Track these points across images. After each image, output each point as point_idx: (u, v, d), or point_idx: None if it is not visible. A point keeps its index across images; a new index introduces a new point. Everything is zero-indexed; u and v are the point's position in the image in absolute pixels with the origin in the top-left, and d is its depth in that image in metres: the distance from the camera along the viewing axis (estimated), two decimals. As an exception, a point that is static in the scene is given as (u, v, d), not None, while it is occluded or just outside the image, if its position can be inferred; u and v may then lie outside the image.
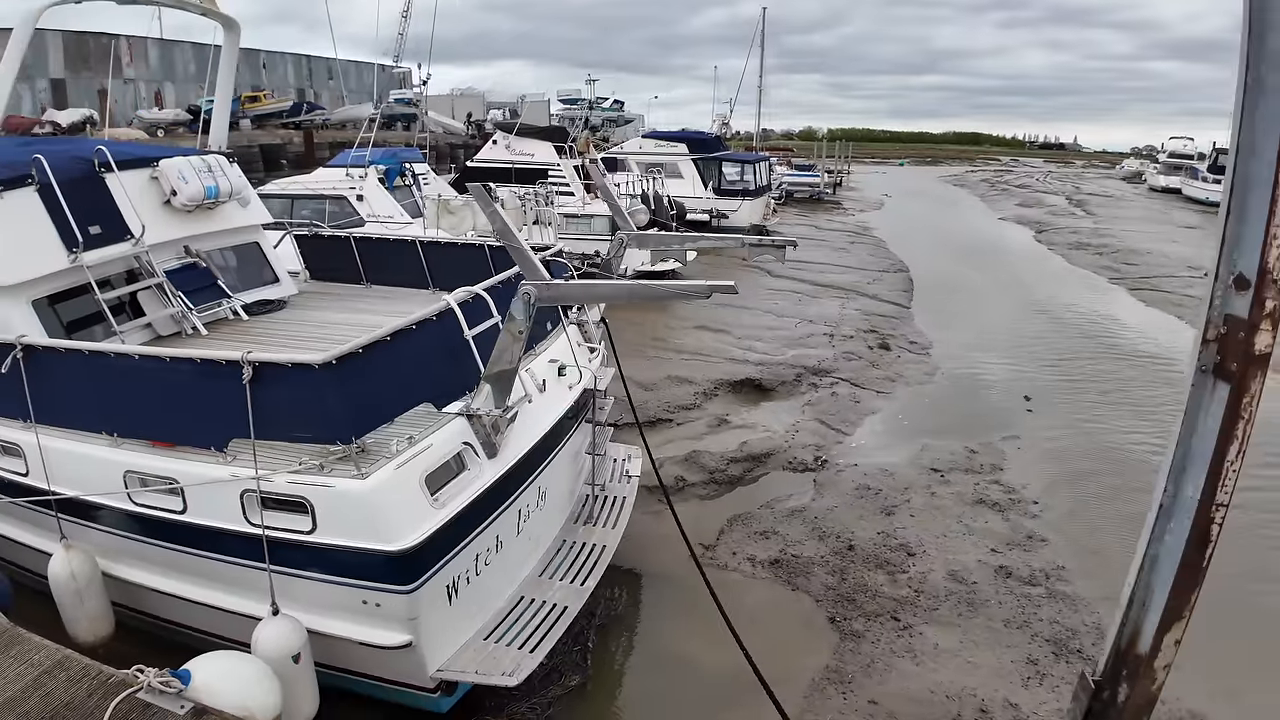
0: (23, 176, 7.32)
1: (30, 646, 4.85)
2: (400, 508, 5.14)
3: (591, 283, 5.99)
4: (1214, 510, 2.81)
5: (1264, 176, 2.52)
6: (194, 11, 8.66)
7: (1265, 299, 2.62)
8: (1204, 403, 2.78)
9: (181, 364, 5.31)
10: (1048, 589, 8.02)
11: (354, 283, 10.09)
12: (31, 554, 6.56)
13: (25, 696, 4.40)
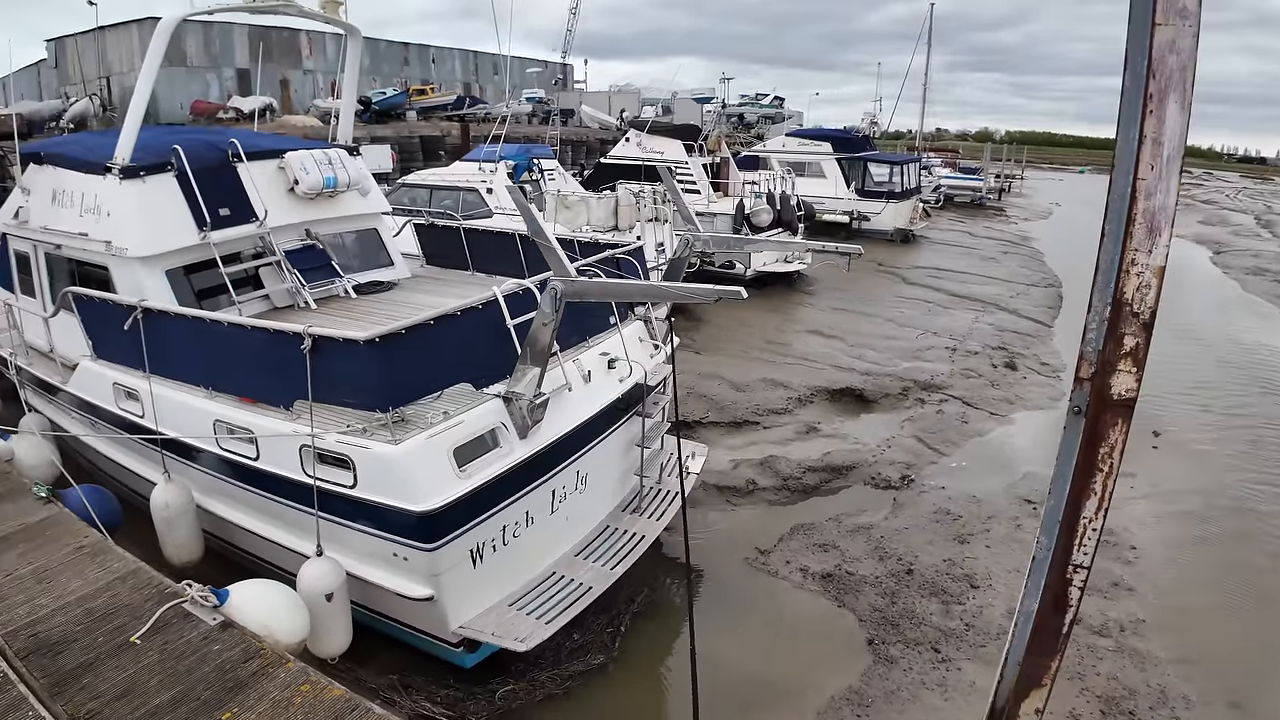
0: (163, 163, 8.48)
1: (113, 557, 5.84)
2: (427, 473, 5.76)
3: (612, 281, 6.41)
4: (1070, 571, 2.58)
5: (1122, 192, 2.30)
6: (318, 19, 9.58)
7: (1123, 335, 2.39)
8: (1070, 450, 2.57)
9: (257, 333, 6.21)
10: (1117, 642, 7.54)
11: (462, 270, 10.88)
12: (141, 482, 7.75)
13: (95, 595, 5.36)
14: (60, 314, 8.35)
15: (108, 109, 36.57)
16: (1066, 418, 2.49)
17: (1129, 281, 2.26)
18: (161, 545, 7.07)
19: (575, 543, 7.37)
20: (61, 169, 9.02)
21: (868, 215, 29.21)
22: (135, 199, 8.23)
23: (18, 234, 9.64)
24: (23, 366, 9.08)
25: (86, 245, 8.43)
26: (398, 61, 52.67)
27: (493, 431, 6.22)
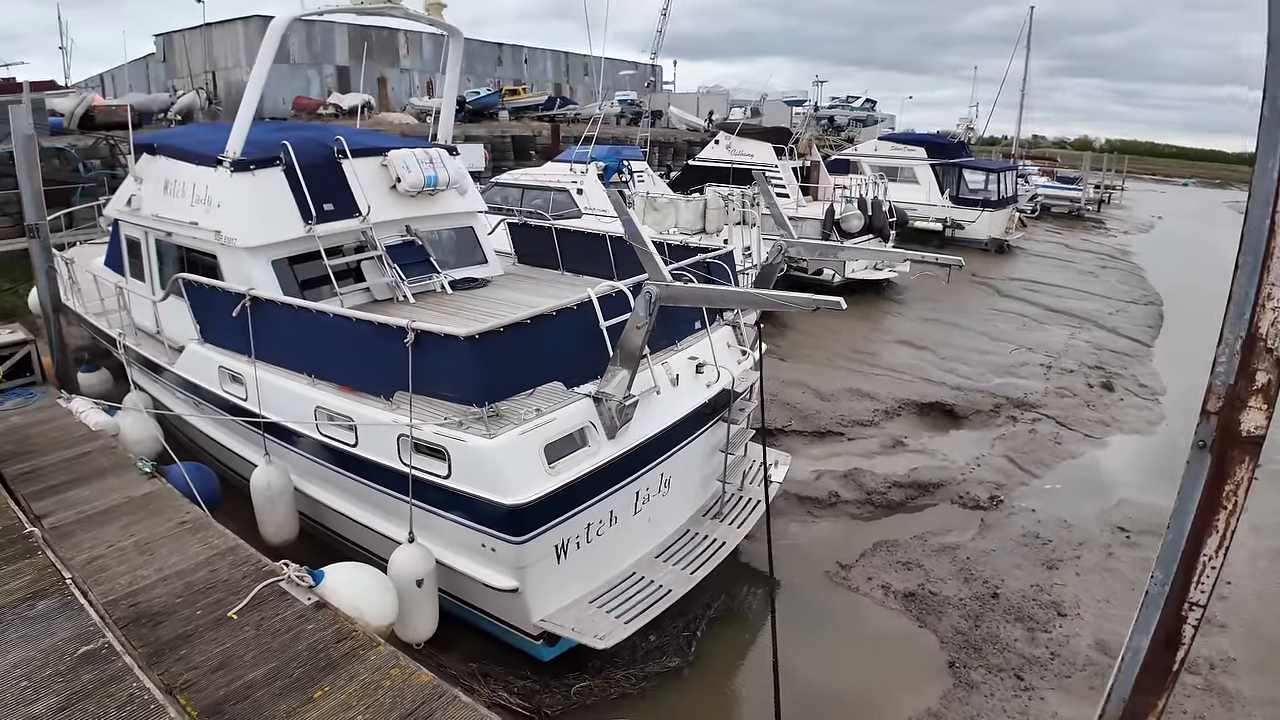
0: (272, 158, 8.82)
1: (213, 533, 6.12)
2: (518, 468, 5.90)
3: (708, 287, 6.41)
4: (1186, 609, 2.48)
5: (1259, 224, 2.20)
6: (422, 21, 9.82)
7: (1255, 370, 2.26)
8: (1193, 484, 2.45)
9: (362, 325, 6.40)
10: (1206, 680, 7.24)
11: (552, 269, 11.03)
12: (241, 462, 8.09)
13: (195, 569, 5.63)
14: (169, 298, 8.74)
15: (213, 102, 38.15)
16: (1191, 451, 2.39)
17: (1264, 317, 2.15)
18: (259, 524, 7.36)
19: (656, 545, 7.40)
20: (174, 160, 9.46)
21: (961, 224, 28.39)
22: (245, 191, 8.57)
23: (130, 220, 10.13)
24: (130, 346, 9.54)
25: (196, 234, 8.81)
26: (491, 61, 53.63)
27: (582, 430, 6.31)
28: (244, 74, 41.81)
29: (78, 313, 11.02)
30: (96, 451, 7.66)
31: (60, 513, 6.48)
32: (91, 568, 5.61)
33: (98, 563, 5.70)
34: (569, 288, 10.03)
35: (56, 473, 7.26)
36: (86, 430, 8.16)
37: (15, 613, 4.51)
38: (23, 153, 9.02)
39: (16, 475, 7.12)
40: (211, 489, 7.44)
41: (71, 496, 6.76)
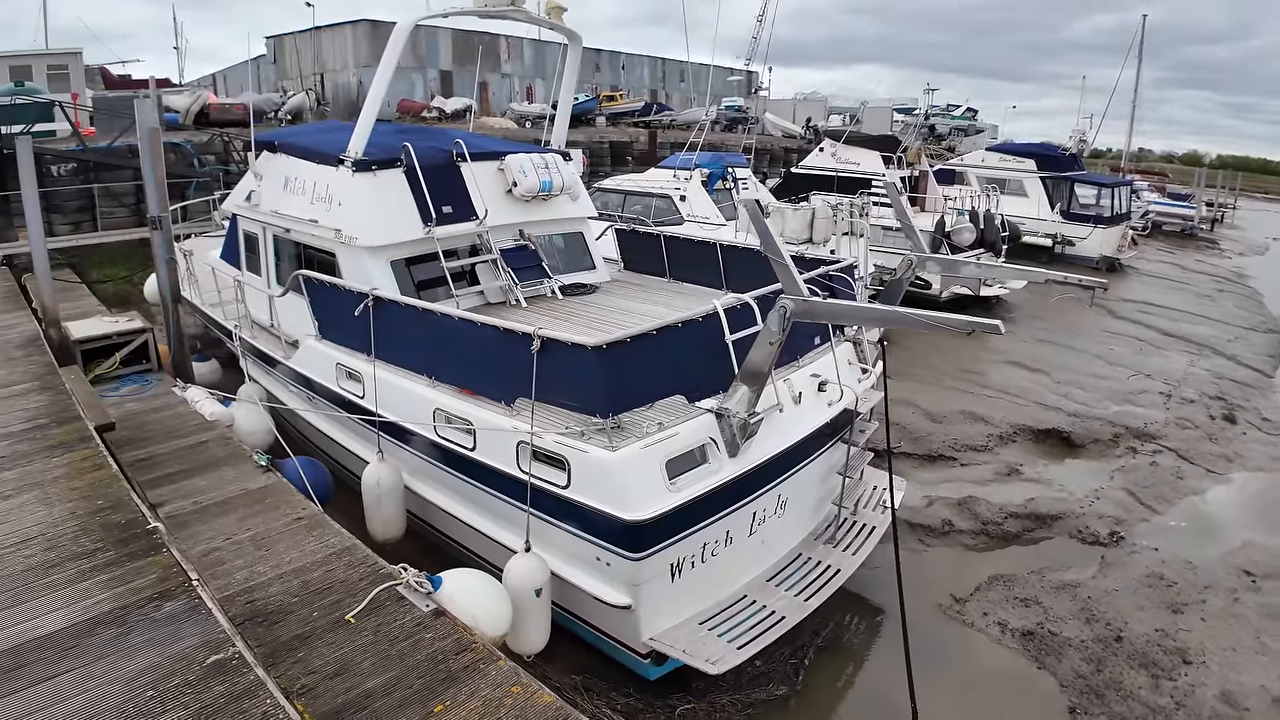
0: (393, 159, 8.85)
1: (330, 532, 6.04)
2: (639, 483, 5.73)
3: (847, 304, 6.09)
4: None
5: None
6: (543, 25, 9.75)
7: None
8: None
9: (487, 329, 6.33)
10: None
11: (658, 275, 10.86)
12: (353, 459, 8.14)
13: (312, 568, 5.55)
14: (288, 294, 8.83)
15: (321, 103, 39.30)
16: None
17: None
18: (368, 520, 7.38)
19: (768, 567, 7.15)
20: (294, 158, 9.59)
21: (1072, 240, 27.19)
22: (366, 191, 8.63)
23: (248, 215, 10.33)
24: (246, 339, 9.69)
25: (315, 231, 8.90)
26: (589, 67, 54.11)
27: (703, 447, 6.11)
28: (351, 76, 43.16)
29: (194, 303, 11.30)
30: (212, 442, 7.74)
31: (176, 502, 6.53)
32: (208, 560, 5.60)
33: (214, 555, 5.70)
34: (677, 296, 9.88)
35: (172, 461, 7.35)
36: (202, 420, 8.27)
37: (141, 613, 4.42)
38: (147, 145, 9.22)
39: (133, 462, 7.20)
40: (324, 484, 7.46)
41: (187, 486, 6.82)
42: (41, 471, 5.98)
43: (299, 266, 9.56)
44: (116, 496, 5.60)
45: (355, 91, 43.04)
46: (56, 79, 25.71)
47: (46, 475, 5.91)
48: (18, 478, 5.95)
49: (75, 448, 6.37)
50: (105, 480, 5.89)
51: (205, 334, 12.55)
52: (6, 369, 8.66)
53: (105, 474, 5.96)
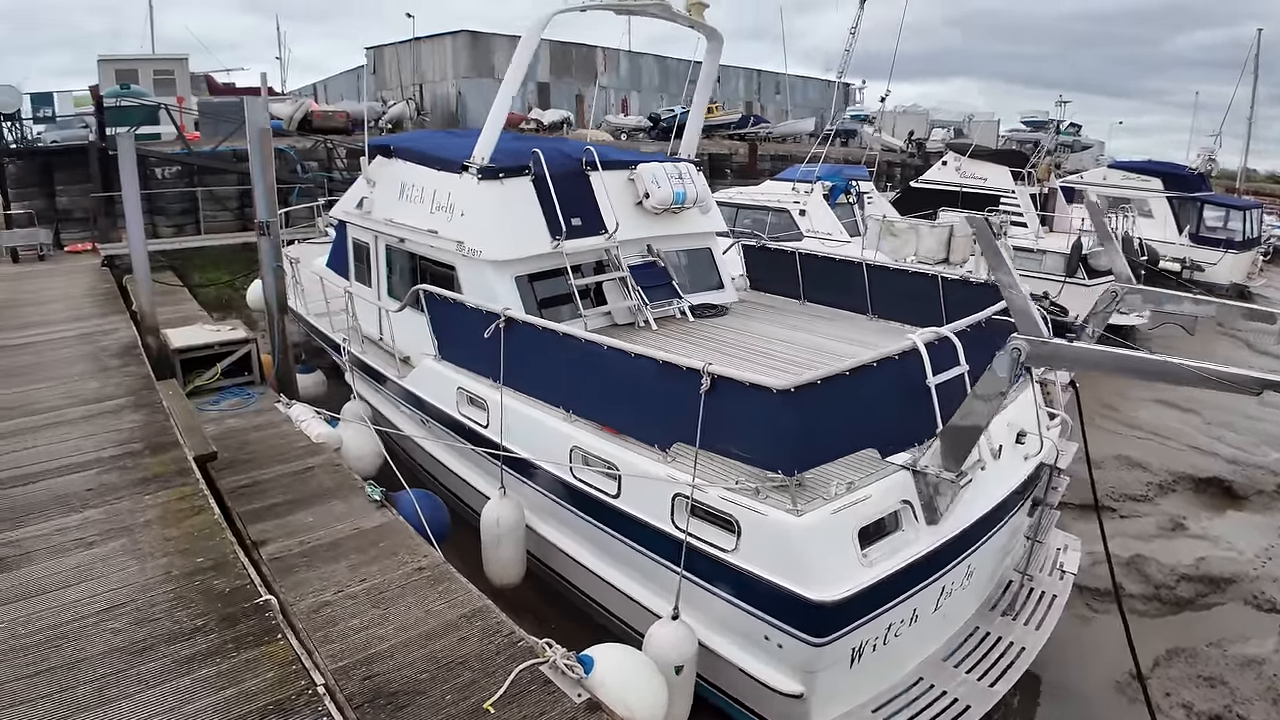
0: (521, 167, 8.10)
1: (457, 588, 5.21)
2: (828, 555, 4.82)
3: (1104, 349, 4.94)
4: None
5: None
6: (681, 23, 8.93)
7: None
8: None
9: (644, 362, 5.40)
10: None
11: (791, 297, 9.91)
12: (470, 492, 7.39)
13: (439, 634, 4.72)
14: (405, 310, 8.14)
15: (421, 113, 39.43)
16: None
17: None
18: (485, 561, 6.59)
19: (942, 644, 6.10)
20: (412, 164, 8.92)
21: (1201, 265, 25.26)
22: (493, 201, 7.91)
23: (359, 223, 9.71)
24: (355, 354, 9.04)
25: (435, 243, 8.21)
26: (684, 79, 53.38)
27: (897, 512, 5.15)
28: (450, 87, 43.31)
29: (298, 313, 10.76)
30: (320, 469, 7.04)
31: (281, 540, 5.80)
32: (318, 619, 4.83)
33: (326, 612, 4.92)
34: (818, 320, 8.96)
35: (276, 490, 6.66)
36: (309, 442, 7.60)
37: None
38: (257, 147, 8.66)
39: (234, 490, 6.52)
40: (442, 523, 6.67)
41: (293, 522, 6.09)
42: (131, 512, 5.26)
43: (413, 278, 8.92)
44: (220, 553, 4.80)
45: (454, 102, 43.10)
46: (162, 84, 26.02)
47: (137, 517, 5.19)
48: (105, 519, 5.21)
49: (172, 483, 5.65)
50: (206, 529, 5.14)
51: (307, 342, 12.05)
52: (100, 379, 8.15)
53: (206, 520, 5.21)
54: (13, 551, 4.58)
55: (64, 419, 6.95)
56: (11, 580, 4.40)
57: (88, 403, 7.37)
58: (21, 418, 7.01)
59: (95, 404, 7.32)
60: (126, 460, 5.99)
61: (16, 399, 7.54)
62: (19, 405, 7.34)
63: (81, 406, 7.28)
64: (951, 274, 8.90)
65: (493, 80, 44.75)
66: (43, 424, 6.86)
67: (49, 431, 6.66)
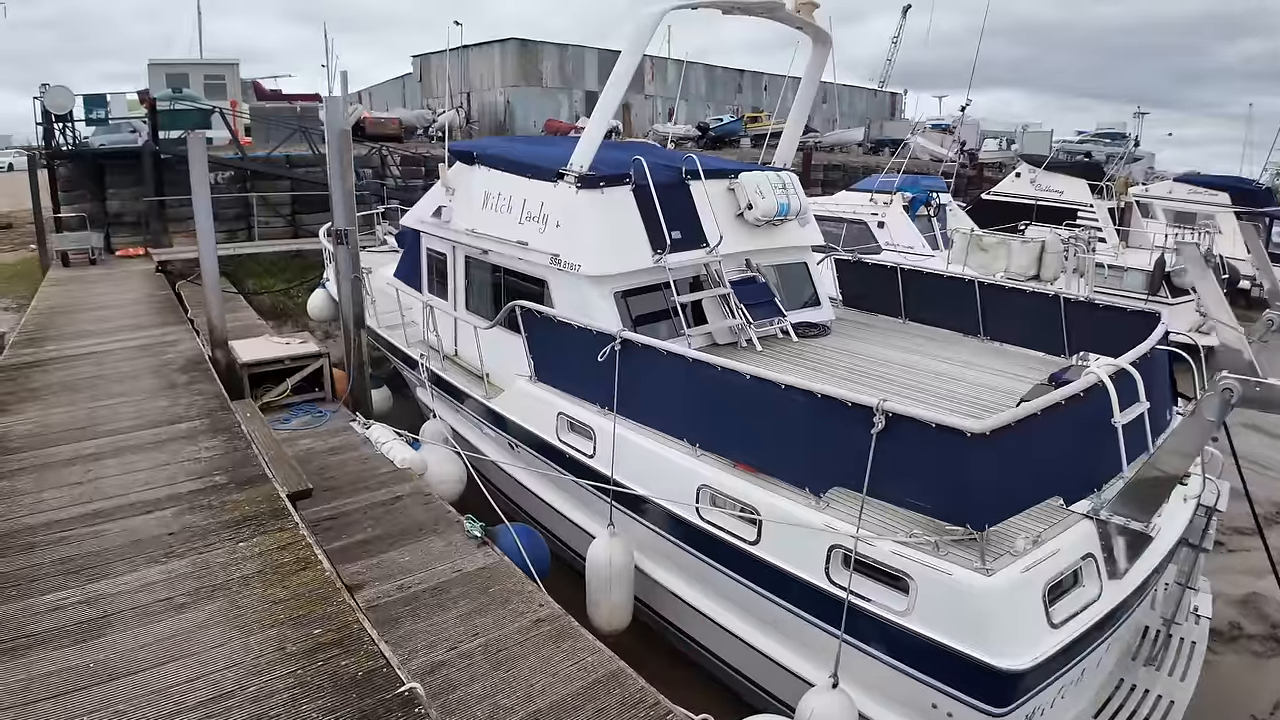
0: (621, 175, 7.57)
1: (584, 646, 4.68)
2: (1017, 618, 4.26)
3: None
4: None
5: None
6: (789, 24, 8.37)
7: None
8: None
9: (797, 394, 4.80)
10: None
11: (890, 315, 9.30)
12: (568, 527, 6.86)
13: (572, 705, 4.20)
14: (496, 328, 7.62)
15: (470, 121, 39.25)
16: None
17: None
18: (590, 605, 6.01)
19: (1089, 698, 5.53)
20: (498, 171, 8.41)
21: (1271, 283, 24.13)
22: (593, 212, 7.39)
23: (435, 233, 9.23)
24: (436, 371, 8.54)
25: (524, 255, 7.70)
26: (731, 88, 53.18)
27: (1078, 567, 4.59)
28: (498, 95, 43.08)
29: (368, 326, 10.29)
30: (409, 499, 6.53)
31: (378, 584, 5.30)
32: (437, 684, 4.31)
33: (442, 676, 4.40)
34: (927, 341, 8.40)
35: (364, 522, 6.16)
36: (392, 468, 7.09)
37: None
38: (336, 150, 8.20)
39: (318, 522, 5.98)
40: (543, 561, 6.11)
41: (389, 562, 5.59)
42: (225, 565, 4.47)
43: (495, 292, 8.41)
44: (342, 623, 3.91)
45: (502, 110, 42.81)
46: (213, 89, 25.89)
47: (232, 572, 4.40)
48: (194, 572, 4.38)
49: (266, 526, 4.94)
50: (319, 589, 4.23)
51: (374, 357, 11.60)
52: (168, 397, 7.55)
53: (317, 578, 4.33)
54: (94, 612, 3.97)
55: (133, 443, 6.30)
56: (97, 653, 3.66)
57: (157, 424, 6.75)
58: (87, 440, 6.34)
59: (166, 426, 6.71)
60: (209, 496, 5.32)
61: (80, 417, 6.95)
62: (83, 426, 6.72)
63: (151, 429, 6.61)
64: (1074, 295, 8.27)
65: (540, 89, 44.50)
66: (110, 448, 6.19)
67: (118, 459, 5.99)
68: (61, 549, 4.58)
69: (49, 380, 8.05)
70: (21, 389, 7.75)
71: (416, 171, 22.23)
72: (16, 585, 4.20)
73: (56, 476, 5.64)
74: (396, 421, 8.68)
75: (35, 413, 7.04)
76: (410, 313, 9.51)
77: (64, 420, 6.85)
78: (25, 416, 6.93)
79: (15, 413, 7.04)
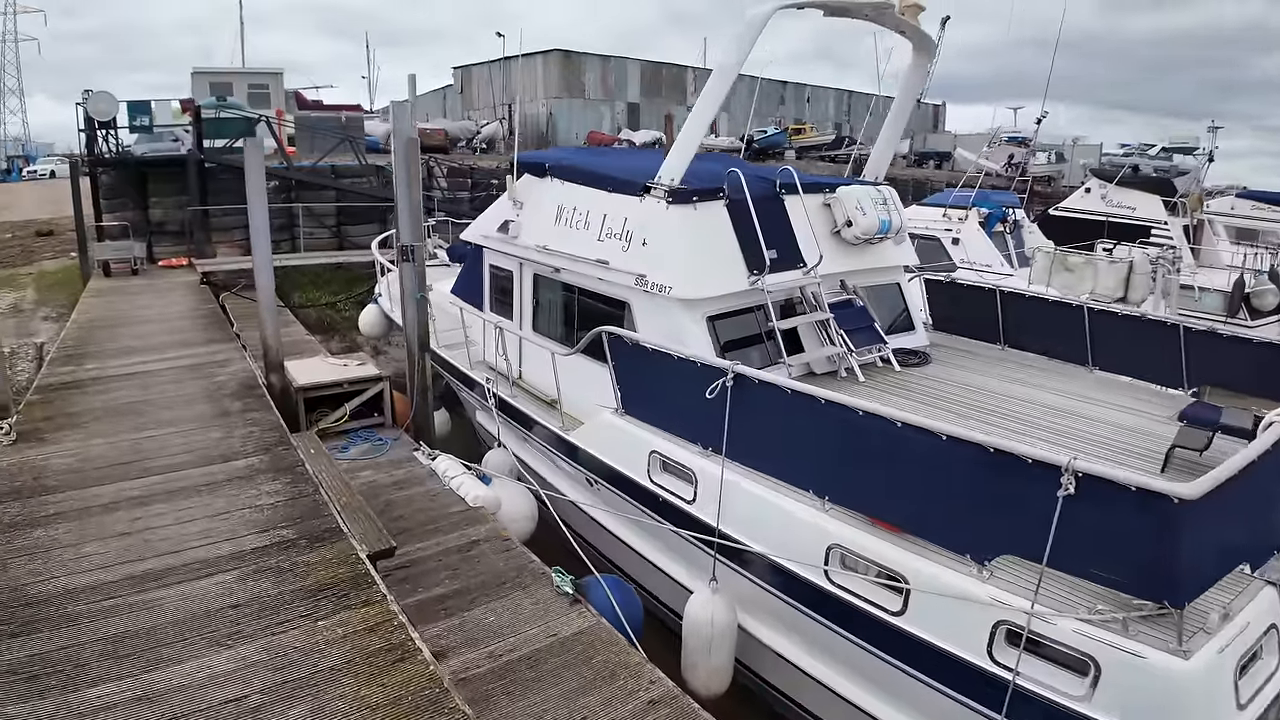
0: (714, 189, 6.96)
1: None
2: (1213, 704, 3.75)
3: None
4: None
5: None
6: (889, 26, 7.73)
7: None
8: None
9: (964, 448, 4.11)
10: None
11: (985, 341, 8.60)
12: (665, 582, 6.21)
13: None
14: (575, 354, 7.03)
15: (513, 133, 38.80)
16: None
17: None
18: (688, 667, 5.39)
19: None
20: (574, 184, 7.82)
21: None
22: (686, 229, 6.77)
23: (501, 249, 8.66)
24: (505, 398, 7.96)
25: (605, 274, 7.11)
26: (774, 100, 52.57)
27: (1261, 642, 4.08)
28: (540, 107, 42.70)
29: None
30: (487, 544, 5.92)
31: (465, 651, 4.68)
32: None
33: (554, 772, 3.77)
34: (1033, 371, 7.75)
35: (440, 573, 5.53)
36: (465, 506, 6.50)
37: None
38: (404, 159, 7.65)
39: (392, 572, 5.34)
40: (637, 619, 5.47)
41: (473, 623, 4.98)
42: (307, 653, 3.71)
43: (569, 313, 7.85)
44: None
45: (545, 122, 42.37)
46: (256, 98, 25.63)
47: (316, 662, 3.66)
48: (268, 661, 3.66)
49: (348, 598, 4.17)
50: (423, 693, 3.49)
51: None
52: (221, 426, 6.85)
53: (418, 675, 3.60)
54: (151, 714, 3.31)
55: (185, 483, 5.62)
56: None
57: (211, 460, 6.05)
58: (133, 479, 5.69)
59: (221, 463, 6.01)
60: (277, 555, 4.60)
61: (124, 450, 6.26)
62: (128, 461, 6.04)
63: (204, 467, 5.92)
64: (1195, 322, 7.57)
65: (582, 101, 44.08)
66: (159, 490, 5.49)
67: (169, 503, 5.30)
68: (109, 623, 3.94)
69: (89, 404, 7.46)
70: (59, 413, 7.16)
71: (463, 184, 21.80)
72: (58, 671, 3.56)
73: (99, 525, 5.00)
74: (455, 448, 8.12)
75: (74, 443, 6.43)
76: (470, 331, 8.96)
77: (106, 453, 6.24)
78: (63, 448, 6.32)
79: (52, 442, 6.44)
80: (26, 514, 5.13)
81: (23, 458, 6.07)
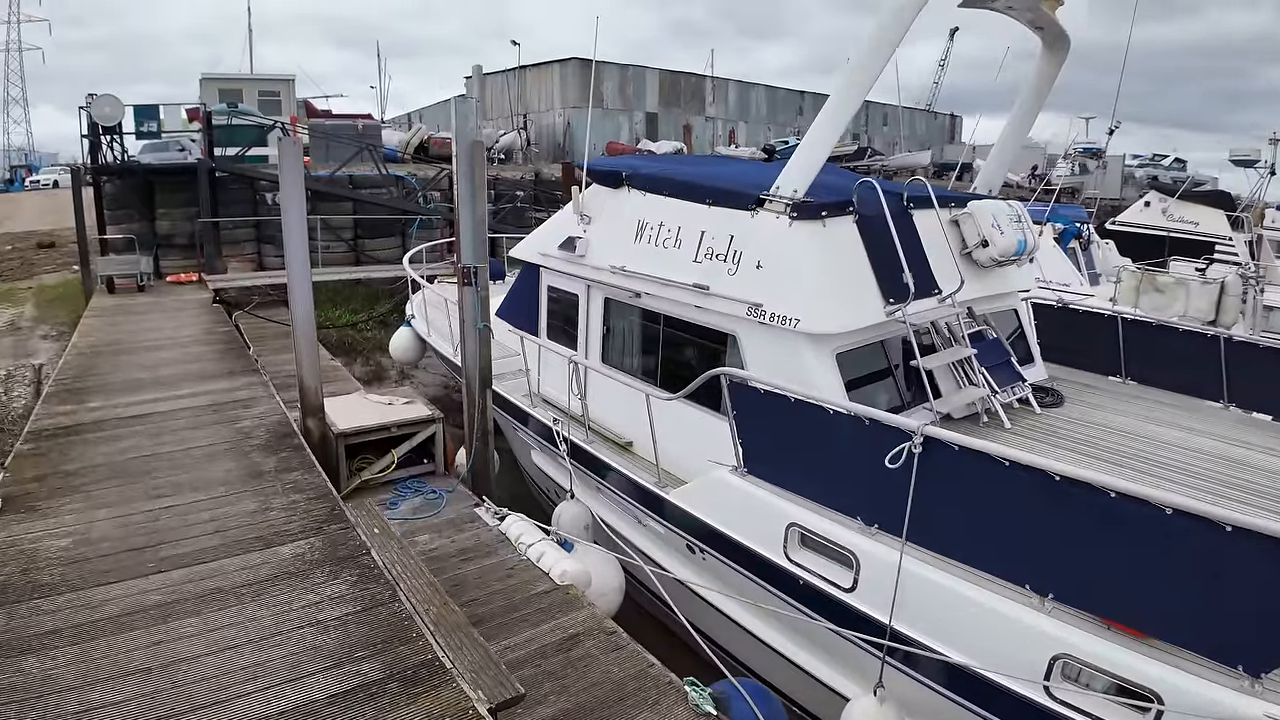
0: (844, 203, 5.95)
1: None
2: None
3: None
4: None
5: None
6: (1021, 20, 6.76)
7: None
8: None
9: (1248, 540, 3.17)
10: None
11: (1104, 374, 7.68)
12: (811, 683, 5.19)
13: None
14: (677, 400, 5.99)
15: (531, 144, 38.06)
16: None
17: None
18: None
19: None
20: (660, 196, 6.84)
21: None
22: (813, 249, 5.77)
23: (563, 269, 7.69)
24: (581, 444, 6.95)
25: (704, 301, 6.12)
26: (792, 109, 51.98)
27: None
28: (557, 117, 41.87)
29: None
30: (591, 641, 4.85)
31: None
32: None
33: None
34: (1166, 408, 6.97)
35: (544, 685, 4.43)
36: (552, 585, 5.45)
37: None
38: (467, 167, 6.64)
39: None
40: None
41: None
42: None
43: (651, 345, 6.86)
44: None
45: (562, 132, 41.51)
46: (267, 105, 24.78)
47: None
48: None
49: None
50: None
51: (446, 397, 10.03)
52: (257, 496, 5.50)
53: None
54: None
55: (218, 582, 4.34)
56: None
57: (248, 547, 4.73)
58: (150, 575, 4.40)
59: (261, 549, 4.70)
60: (360, 710, 3.29)
61: (136, 528, 4.96)
62: (144, 544, 4.75)
63: (240, 556, 4.62)
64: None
65: (600, 111, 43.27)
66: (188, 597, 4.17)
67: (200, 617, 4.00)
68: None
69: (91, 459, 6.15)
70: (56, 471, 5.85)
71: (485, 194, 20.84)
72: None
73: (109, 654, 3.69)
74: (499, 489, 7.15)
75: (73, 515, 5.14)
76: (521, 359, 8.00)
77: (113, 533, 4.92)
78: (59, 521, 5.04)
79: (46, 513, 5.14)
80: (14, 631, 3.84)
81: (9, 536, 4.79)
